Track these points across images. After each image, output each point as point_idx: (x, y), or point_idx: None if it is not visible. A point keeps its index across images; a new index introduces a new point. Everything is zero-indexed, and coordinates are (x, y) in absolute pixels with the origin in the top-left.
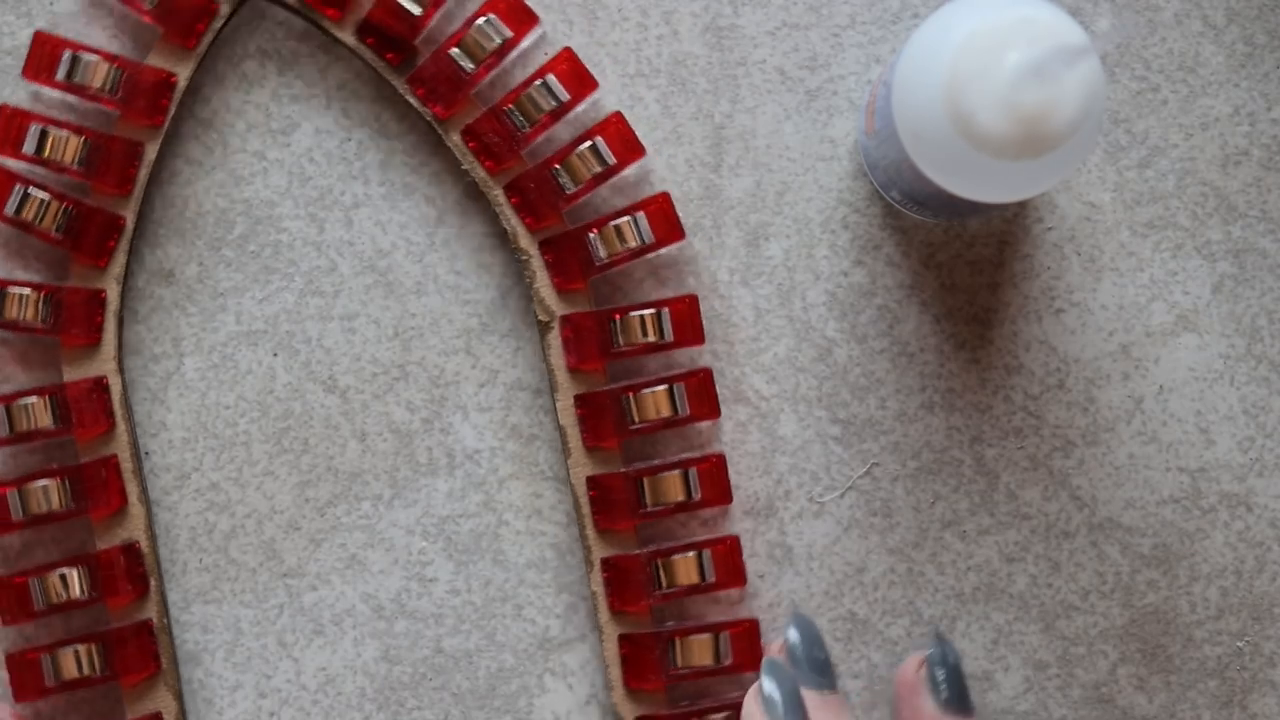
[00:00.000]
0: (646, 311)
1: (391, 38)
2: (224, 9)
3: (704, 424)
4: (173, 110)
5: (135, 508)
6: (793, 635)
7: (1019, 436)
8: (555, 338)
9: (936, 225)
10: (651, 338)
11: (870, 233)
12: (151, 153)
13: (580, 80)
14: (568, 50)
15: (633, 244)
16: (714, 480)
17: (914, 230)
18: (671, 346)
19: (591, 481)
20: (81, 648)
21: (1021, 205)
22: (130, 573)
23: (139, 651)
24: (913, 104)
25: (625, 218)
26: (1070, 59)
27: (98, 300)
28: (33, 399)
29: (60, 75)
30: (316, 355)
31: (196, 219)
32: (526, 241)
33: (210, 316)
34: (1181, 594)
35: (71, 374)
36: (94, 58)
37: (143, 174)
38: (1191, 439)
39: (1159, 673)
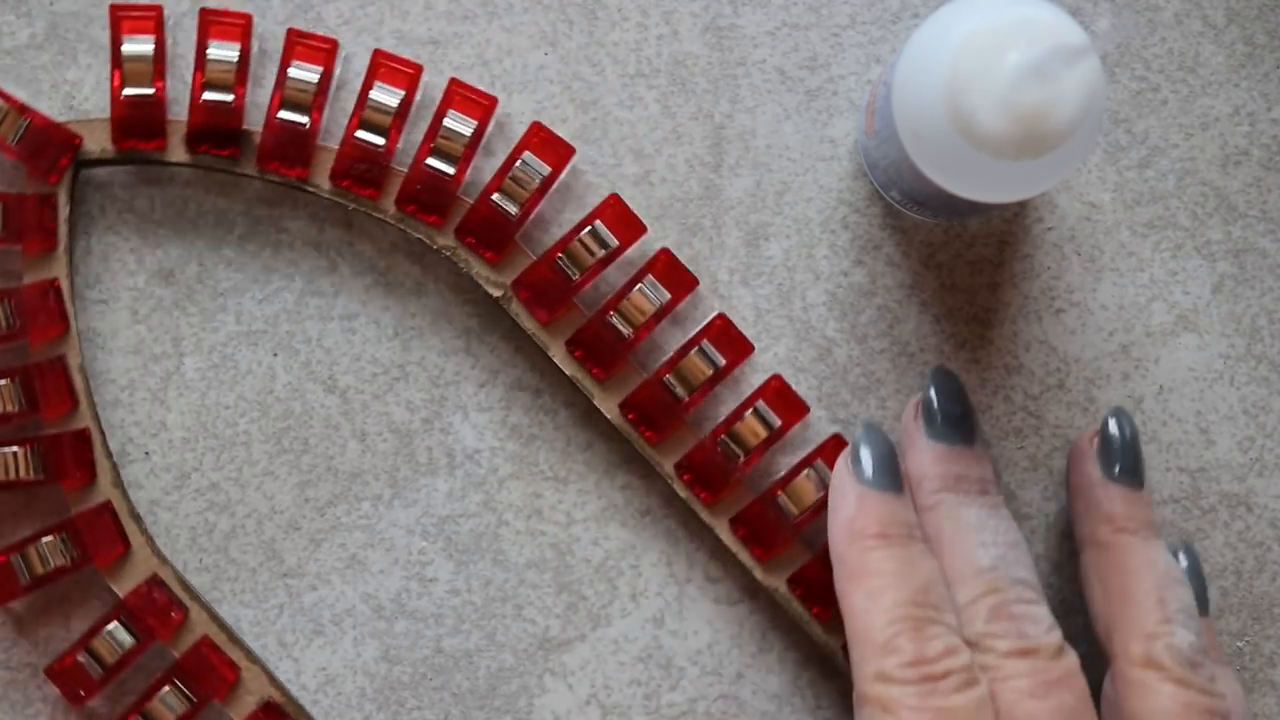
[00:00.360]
0: (583, 232)
1: (220, 133)
2: (62, 198)
3: (690, 302)
4: (72, 309)
5: (253, 673)
6: (930, 391)
7: (1019, 436)
8: (518, 306)
9: (936, 225)
10: (599, 253)
11: (870, 233)
12: (75, 360)
13: (405, 77)
14: (377, 52)
15: (535, 182)
16: (728, 339)
17: (914, 230)
18: (622, 249)
19: (624, 406)
20: None
21: (1021, 205)
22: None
23: None
24: (913, 104)
25: (516, 163)
26: (1070, 59)
27: (109, 513)
28: (114, 625)
29: None
30: (316, 355)
31: (196, 219)
32: (443, 238)
33: (210, 316)
34: None
35: (121, 585)
36: None
37: (78, 381)
38: (1191, 439)
39: None
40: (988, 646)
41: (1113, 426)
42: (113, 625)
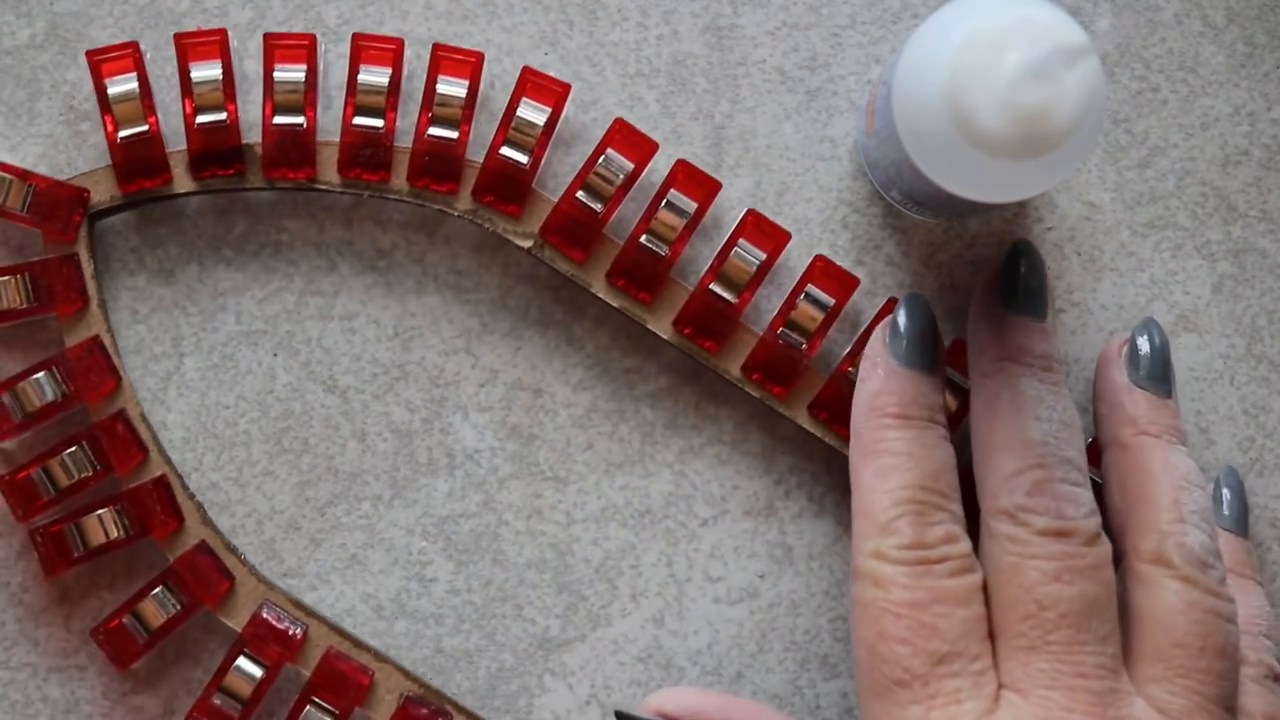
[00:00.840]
0: (597, 163)
1: (221, 153)
2: (84, 255)
3: (717, 207)
4: (119, 361)
5: (385, 671)
6: (1012, 259)
7: None
8: (551, 252)
9: (936, 225)
10: (617, 180)
11: (870, 233)
12: (134, 410)
13: (389, 54)
14: (356, 36)
15: (539, 125)
16: (763, 232)
17: (914, 230)
18: (637, 172)
19: (678, 323)
20: None
21: (1021, 205)
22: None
23: None
24: (913, 104)
25: (517, 112)
26: (1070, 59)
27: (206, 552)
28: (240, 659)
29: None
30: (316, 355)
31: (196, 219)
32: (462, 203)
33: (210, 316)
34: None
35: (237, 619)
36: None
37: (143, 430)
38: (1191, 439)
39: None
40: (1024, 520)
41: (1142, 333)
42: (239, 660)
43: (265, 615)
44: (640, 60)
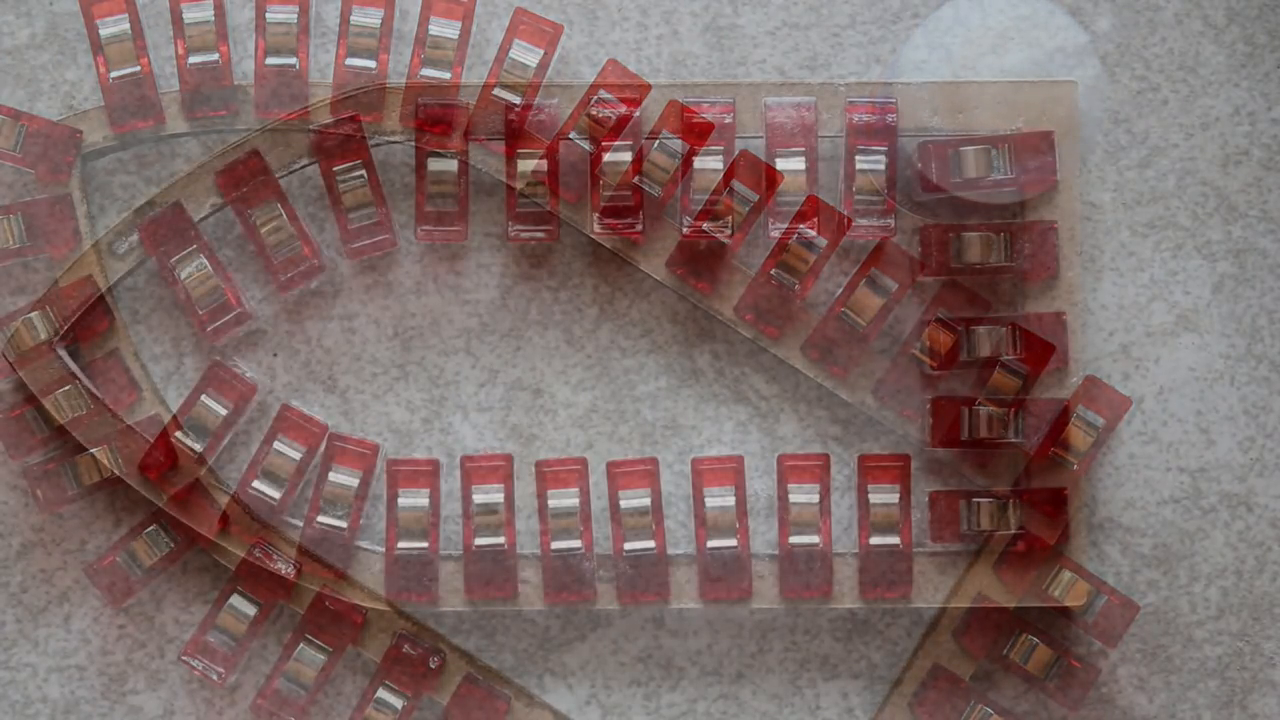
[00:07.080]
0: (590, 103)
1: (213, 95)
2: (77, 195)
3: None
4: (112, 300)
5: (377, 611)
6: None
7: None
8: (544, 193)
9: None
10: (609, 118)
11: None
12: (128, 349)
13: None
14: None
15: (531, 66)
16: (755, 173)
17: (914, 230)
18: (630, 113)
19: (671, 264)
20: None
21: (1021, 205)
22: None
23: None
24: (913, 104)
25: (507, 55)
26: (1070, 59)
27: (157, 424)
28: (234, 597)
29: None
30: (316, 355)
31: (195, 218)
32: (454, 143)
33: None
34: (1181, 594)
35: (231, 557)
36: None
37: (135, 369)
38: (1191, 439)
39: (1159, 673)
40: None
41: None
42: (233, 599)
43: (258, 555)
44: (640, 60)
